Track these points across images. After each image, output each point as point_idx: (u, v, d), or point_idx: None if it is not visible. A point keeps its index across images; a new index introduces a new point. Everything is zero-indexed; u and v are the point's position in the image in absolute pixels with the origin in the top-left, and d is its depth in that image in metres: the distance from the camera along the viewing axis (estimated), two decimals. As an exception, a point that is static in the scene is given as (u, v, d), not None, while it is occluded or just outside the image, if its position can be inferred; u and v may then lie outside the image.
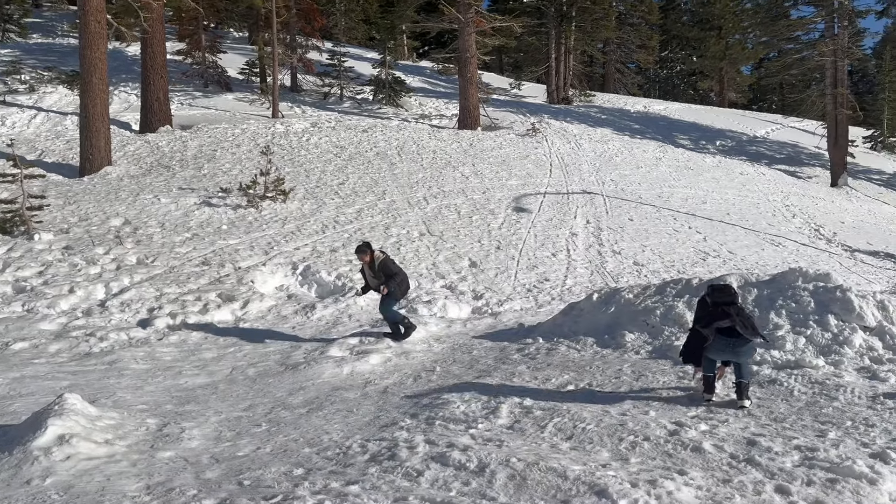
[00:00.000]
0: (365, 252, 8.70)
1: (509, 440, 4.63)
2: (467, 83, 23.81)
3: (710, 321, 5.64)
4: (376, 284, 8.70)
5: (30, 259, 10.69)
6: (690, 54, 50.74)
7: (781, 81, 42.16)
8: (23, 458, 4.52)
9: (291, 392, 6.72)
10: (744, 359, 5.59)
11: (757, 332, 5.64)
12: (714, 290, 5.93)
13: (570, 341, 7.74)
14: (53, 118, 19.75)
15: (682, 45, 51.68)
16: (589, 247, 13.89)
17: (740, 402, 5.42)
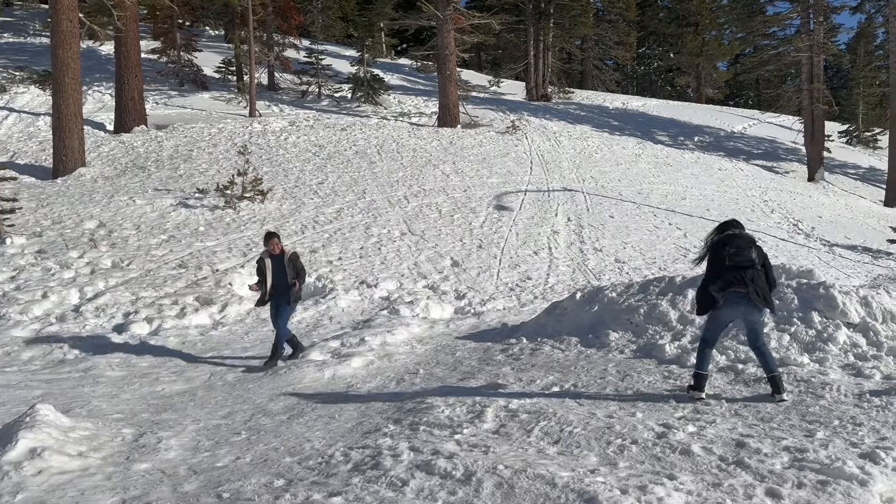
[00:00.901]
0: (274, 239, 7.84)
1: (495, 446, 4.54)
2: (446, 80, 23.70)
3: (725, 285, 5.37)
4: (282, 283, 7.73)
5: (1, 264, 10.43)
6: (668, 51, 51.04)
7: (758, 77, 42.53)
8: (-8, 473, 4.35)
9: (272, 398, 6.58)
10: (758, 327, 5.38)
11: (769, 302, 5.43)
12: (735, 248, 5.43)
13: (553, 341, 7.68)
14: (25, 119, 19.34)
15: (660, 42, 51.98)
16: (570, 244, 13.86)
17: (778, 396, 5.24)
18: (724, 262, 5.44)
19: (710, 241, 5.71)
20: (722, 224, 5.84)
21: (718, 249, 5.55)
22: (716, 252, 5.58)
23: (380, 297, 10.85)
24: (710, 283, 5.49)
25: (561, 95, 35.14)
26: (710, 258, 5.62)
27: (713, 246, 5.64)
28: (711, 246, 5.66)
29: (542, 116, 26.81)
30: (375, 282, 11.25)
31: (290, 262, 7.76)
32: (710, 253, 5.65)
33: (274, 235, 7.98)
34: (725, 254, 5.46)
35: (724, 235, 5.63)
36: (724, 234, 5.66)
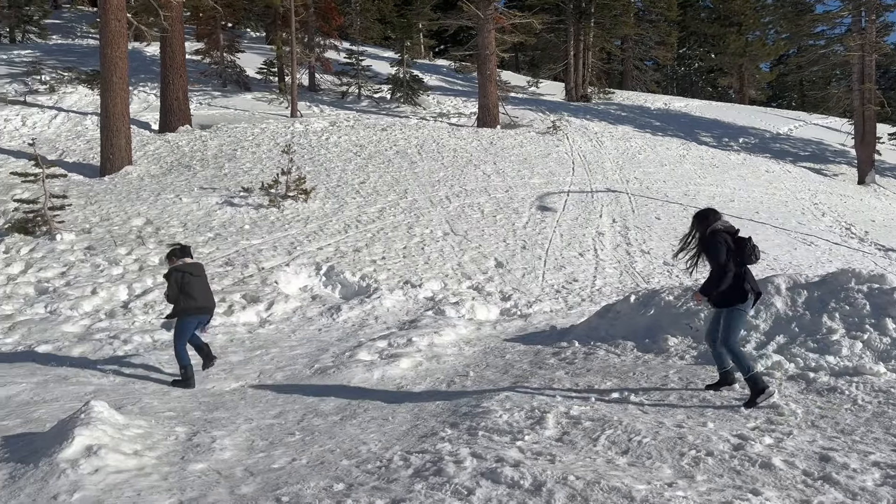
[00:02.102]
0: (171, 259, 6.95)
1: (561, 454, 4.35)
2: (486, 81, 23.52)
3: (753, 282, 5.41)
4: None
5: (52, 259, 10.55)
6: (709, 51, 50.14)
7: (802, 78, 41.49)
8: (49, 470, 4.30)
9: (322, 398, 6.48)
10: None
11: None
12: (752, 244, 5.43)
13: (608, 345, 7.45)
14: (74, 118, 19.68)
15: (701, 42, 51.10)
16: (616, 246, 13.57)
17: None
18: (751, 258, 5.38)
19: (723, 229, 5.48)
20: (712, 211, 5.67)
21: (741, 243, 5.42)
22: (739, 245, 5.41)
23: (424, 298, 10.71)
24: (740, 278, 5.37)
25: (601, 96, 34.71)
26: (731, 246, 5.39)
27: (734, 237, 5.45)
28: (733, 236, 5.46)
29: (582, 117, 26.46)
30: (420, 282, 11.12)
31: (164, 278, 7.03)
32: (730, 244, 5.40)
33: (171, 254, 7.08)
34: (750, 250, 5.38)
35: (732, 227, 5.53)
36: (729, 224, 5.54)
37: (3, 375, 6.93)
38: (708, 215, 5.62)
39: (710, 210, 5.70)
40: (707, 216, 5.61)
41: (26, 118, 19.35)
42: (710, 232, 5.48)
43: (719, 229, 5.46)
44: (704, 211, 5.71)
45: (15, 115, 19.45)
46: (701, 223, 5.60)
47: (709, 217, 5.60)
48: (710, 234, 5.46)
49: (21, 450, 4.79)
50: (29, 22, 28.45)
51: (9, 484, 4.24)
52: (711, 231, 5.47)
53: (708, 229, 5.50)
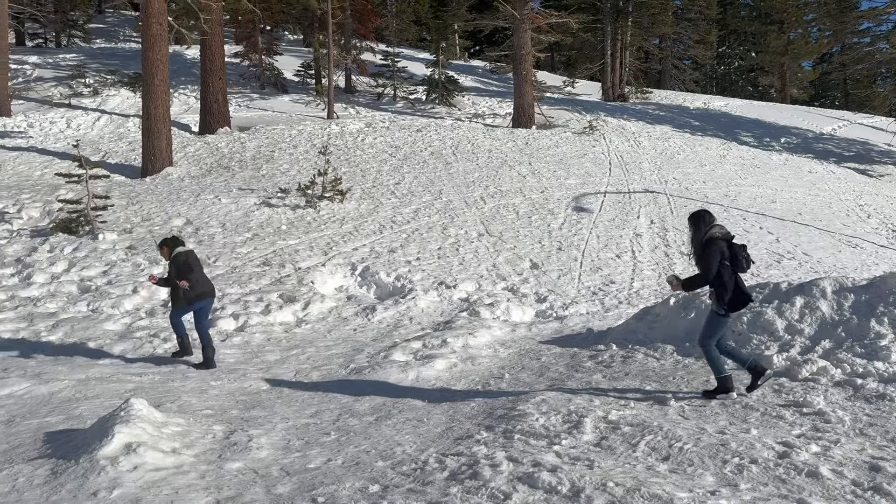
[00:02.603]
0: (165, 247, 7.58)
1: (599, 460, 4.27)
2: (522, 81, 23.40)
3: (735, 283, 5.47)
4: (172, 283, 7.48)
5: (94, 259, 10.76)
6: (749, 49, 49.17)
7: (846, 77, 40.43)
8: (89, 467, 4.36)
9: (357, 398, 6.48)
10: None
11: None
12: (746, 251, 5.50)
13: (646, 348, 7.31)
14: (116, 120, 20.12)
15: (741, 40, 50.12)
16: (655, 248, 13.35)
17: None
18: (743, 265, 5.46)
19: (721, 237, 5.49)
20: (706, 214, 5.66)
21: (734, 250, 5.48)
22: (733, 252, 5.47)
23: (459, 299, 10.67)
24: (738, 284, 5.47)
25: (638, 95, 34.29)
26: (725, 254, 5.43)
27: (729, 243, 5.49)
28: (727, 242, 5.49)
29: (619, 117, 26.16)
30: (454, 283, 11.08)
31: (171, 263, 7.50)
32: (723, 249, 5.44)
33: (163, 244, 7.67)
34: (742, 258, 5.46)
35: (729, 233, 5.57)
36: (725, 231, 5.56)
37: (46, 372, 7.08)
38: (703, 216, 5.63)
39: (705, 211, 5.70)
40: (702, 217, 5.63)
41: (71, 120, 19.85)
42: (706, 240, 5.49)
43: (717, 237, 5.49)
44: (699, 212, 5.72)
45: (60, 118, 19.97)
46: (696, 224, 5.63)
47: (704, 218, 5.60)
48: (707, 241, 5.48)
49: (63, 446, 4.87)
50: (74, 26, 29.20)
51: (50, 480, 4.31)
52: (709, 239, 5.48)
53: (705, 236, 5.50)
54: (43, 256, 10.77)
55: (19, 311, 9.23)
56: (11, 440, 5.25)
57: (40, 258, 10.71)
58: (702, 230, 5.53)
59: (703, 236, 5.50)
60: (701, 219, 5.59)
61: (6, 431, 5.50)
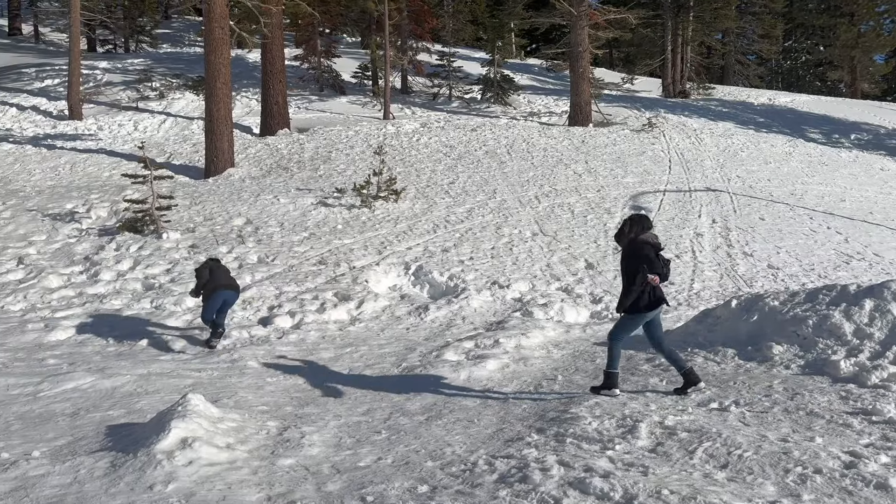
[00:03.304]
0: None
1: (654, 466, 4.14)
2: (579, 78, 23.09)
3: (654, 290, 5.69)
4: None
5: (158, 257, 11.10)
6: (817, 43, 47.34)
7: (922, 70, 38.52)
8: (146, 461, 4.47)
9: (409, 397, 6.49)
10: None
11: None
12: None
13: (706, 352, 7.09)
14: (181, 123, 20.74)
15: (809, 34, 48.29)
16: (716, 248, 12.97)
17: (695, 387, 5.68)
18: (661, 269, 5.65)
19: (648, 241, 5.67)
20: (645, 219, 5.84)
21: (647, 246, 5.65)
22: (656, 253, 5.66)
23: (512, 299, 10.59)
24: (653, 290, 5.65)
25: (700, 91, 33.39)
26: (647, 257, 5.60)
27: (653, 246, 5.68)
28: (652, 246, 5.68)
29: (680, 113, 25.55)
30: (507, 282, 11.00)
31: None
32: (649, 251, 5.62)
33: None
34: (661, 262, 5.66)
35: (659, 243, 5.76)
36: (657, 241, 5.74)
37: (110, 367, 7.32)
38: (642, 221, 5.81)
39: (645, 216, 5.89)
40: (640, 222, 5.79)
41: (138, 123, 20.56)
42: (639, 241, 5.66)
43: (648, 241, 5.67)
44: (637, 216, 5.88)
45: (128, 121, 20.71)
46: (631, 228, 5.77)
47: (643, 223, 5.77)
48: (640, 243, 5.66)
49: (123, 439, 5.02)
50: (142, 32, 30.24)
51: (110, 472, 4.44)
52: (642, 241, 5.66)
53: (637, 237, 5.68)
54: (110, 254, 11.17)
55: (86, 307, 9.59)
56: (76, 432, 5.44)
57: (107, 256, 11.11)
58: (635, 231, 5.71)
59: (634, 236, 5.68)
60: (637, 222, 5.78)
61: (71, 424, 5.71)
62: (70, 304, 9.65)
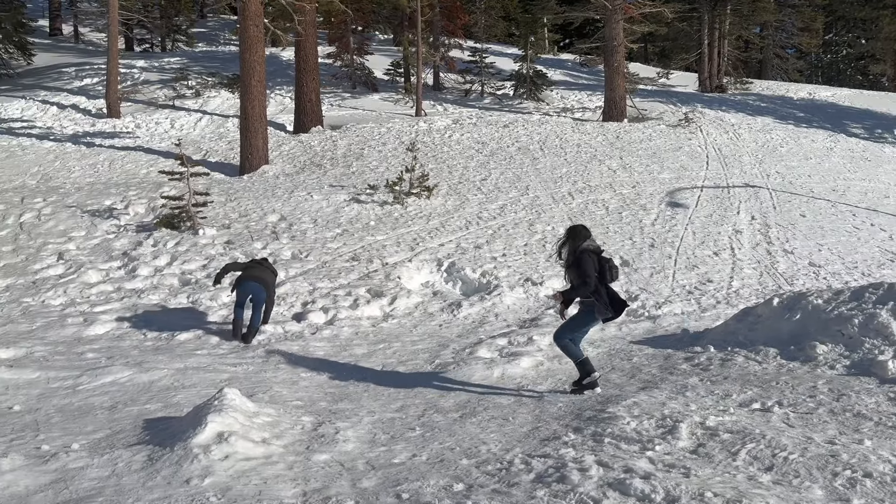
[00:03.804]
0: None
1: (696, 468, 4.03)
2: (614, 73, 22.80)
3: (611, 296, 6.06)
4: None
5: (194, 253, 11.22)
6: (859, 36, 46.09)
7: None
8: (183, 455, 4.50)
9: (442, 394, 6.45)
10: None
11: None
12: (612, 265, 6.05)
13: (747, 351, 6.92)
14: (217, 120, 20.99)
15: (850, 27, 47.04)
16: (756, 245, 12.69)
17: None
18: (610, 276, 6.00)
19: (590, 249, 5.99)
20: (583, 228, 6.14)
21: (603, 262, 6.00)
22: (601, 264, 5.98)
23: (545, 296, 10.48)
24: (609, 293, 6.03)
25: (737, 86, 32.78)
26: (596, 266, 5.94)
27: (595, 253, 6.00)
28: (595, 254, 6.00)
29: (717, 108, 25.09)
30: (541, 279, 10.89)
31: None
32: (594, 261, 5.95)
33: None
34: (610, 269, 5.99)
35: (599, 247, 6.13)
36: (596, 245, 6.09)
37: (147, 361, 7.41)
38: (580, 231, 6.10)
39: (581, 226, 6.19)
40: (579, 232, 6.09)
41: (175, 121, 20.85)
42: (580, 252, 5.94)
43: (589, 249, 5.97)
44: (576, 227, 6.19)
45: (165, 118, 21.02)
46: (572, 237, 6.08)
47: (580, 233, 6.07)
48: (581, 253, 5.94)
49: (160, 433, 5.06)
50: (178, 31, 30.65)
51: (147, 466, 4.47)
52: (582, 250, 5.94)
53: (578, 249, 5.95)
54: (147, 250, 11.33)
55: (124, 301, 9.74)
56: (113, 426, 5.51)
57: (145, 252, 11.27)
58: (576, 242, 5.99)
59: (576, 248, 5.96)
60: (577, 233, 6.07)
61: (109, 417, 5.78)
62: (109, 299, 9.81)
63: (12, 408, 6.12)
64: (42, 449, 4.92)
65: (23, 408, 6.11)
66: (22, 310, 9.59)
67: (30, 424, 5.63)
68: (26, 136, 19.35)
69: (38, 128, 20.15)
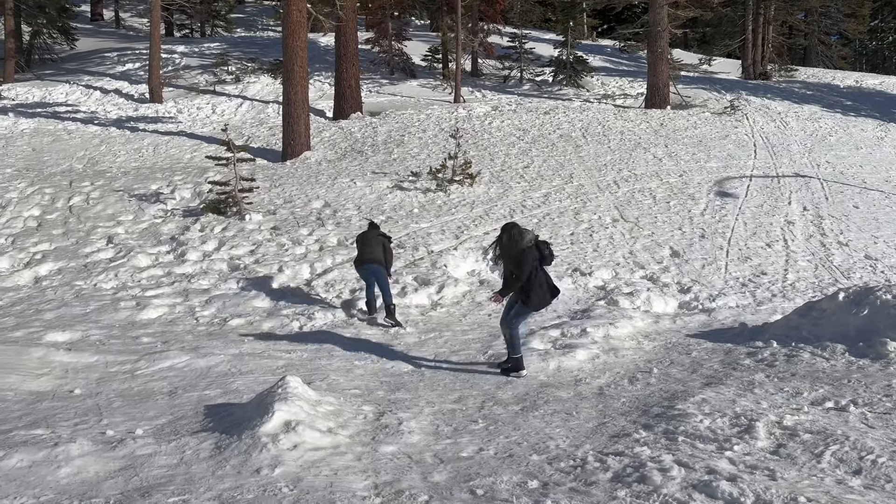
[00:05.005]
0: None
1: (781, 470, 3.89)
2: (657, 59, 22.34)
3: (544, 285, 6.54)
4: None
5: (242, 238, 11.26)
6: (906, 23, 44.66)
7: None
8: (251, 443, 4.47)
9: (499, 385, 6.37)
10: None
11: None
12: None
13: (813, 347, 6.70)
14: (257, 106, 21.05)
15: (897, 13, 45.63)
16: (809, 237, 12.34)
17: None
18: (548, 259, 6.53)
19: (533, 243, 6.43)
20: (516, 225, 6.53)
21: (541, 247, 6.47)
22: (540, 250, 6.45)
23: (594, 287, 10.32)
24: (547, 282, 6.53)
25: (782, 73, 31.95)
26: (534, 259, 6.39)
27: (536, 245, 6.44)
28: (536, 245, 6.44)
29: (762, 96, 24.48)
30: (589, 270, 10.73)
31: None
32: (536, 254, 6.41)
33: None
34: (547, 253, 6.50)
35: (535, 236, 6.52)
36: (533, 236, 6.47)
37: (203, 346, 7.44)
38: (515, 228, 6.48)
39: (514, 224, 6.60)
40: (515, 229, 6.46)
41: (216, 106, 20.97)
42: (521, 251, 6.34)
43: (531, 245, 6.37)
44: (508, 225, 6.58)
45: (206, 104, 21.14)
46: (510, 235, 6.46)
47: (519, 230, 6.44)
48: (521, 252, 6.34)
49: (223, 420, 5.05)
50: (217, 17, 30.80)
51: (215, 454, 4.46)
52: (522, 250, 6.34)
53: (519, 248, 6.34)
54: (195, 235, 11.40)
55: (175, 286, 9.81)
56: (175, 411, 5.52)
57: (192, 237, 11.34)
58: (521, 241, 6.36)
59: (522, 247, 6.34)
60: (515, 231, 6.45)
61: (170, 403, 5.79)
62: (159, 283, 9.89)
63: (73, 391, 6.18)
64: (107, 434, 4.93)
65: (84, 391, 6.17)
66: (75, 293, 9.72)
67: (92, 409, 5.67)
68: (71, 120, 19.62)
69: (82, 112, 20.41)
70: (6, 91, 21.49)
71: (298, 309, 8.89)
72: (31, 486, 4.04)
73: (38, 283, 10.20)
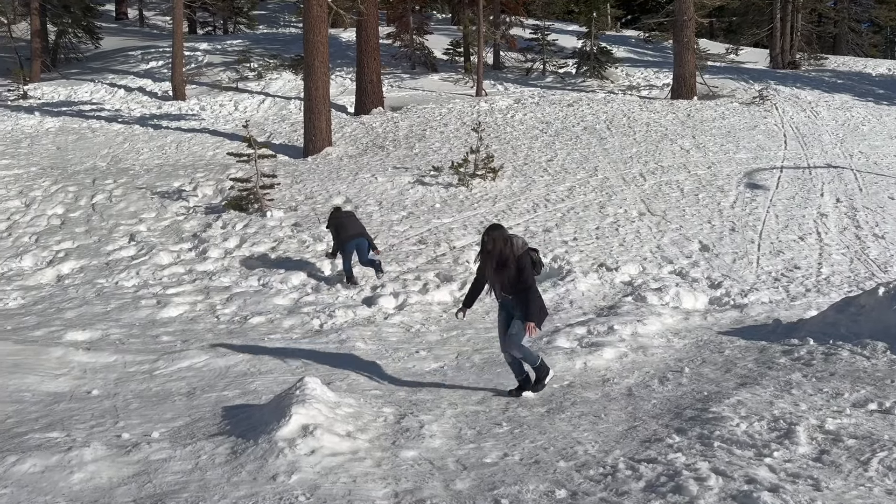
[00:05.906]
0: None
1: (825, 479, 3.65)
2: (683, 49, 21.89)
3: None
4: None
5: (263, 235, 11.19)
6: (941, 8, 43.42)
7: None
8: (268, 448, 4.33)
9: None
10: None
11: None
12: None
13: (852, 345, 6.40)
14: (279, 102, 21.01)
15: (932, -3, 44.36)
16: (843, 230, 11.95)
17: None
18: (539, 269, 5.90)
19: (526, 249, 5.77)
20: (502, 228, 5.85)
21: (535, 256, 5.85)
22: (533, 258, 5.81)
23: (621, 282, 10.07)
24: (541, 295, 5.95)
25: (811, 62, 31.21)
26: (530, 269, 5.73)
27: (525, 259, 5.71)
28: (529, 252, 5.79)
29: (791, 85, 23.90)
30: (615, 265, 10.48)
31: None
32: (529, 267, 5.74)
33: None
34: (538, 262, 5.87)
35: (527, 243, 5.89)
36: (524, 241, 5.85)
37: (222, 345, 7.33)
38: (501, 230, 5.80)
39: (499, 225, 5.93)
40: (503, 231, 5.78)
41: (238, 103, 20.97)
42: (522, 253, 5.71)
43: (528, 249, 5.79)
44: (494, 226, 5.88)
45: (228, 101, 21.16)
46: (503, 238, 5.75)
47: (503, 232, 5.76)
48: (523, 255, 5.71)
49: (241, 423, 4.92)
50: (239, 14, 30.85)
51: (231, 459, 4.32)
52: (523, 252, 5.72)
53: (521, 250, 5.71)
54: (217, 232, 11.34)
55: (196, 283, 9.75)
56: (192, 413, 5.40)
57: (214, 234, 11.28)
58: (516, 244, 5.72)
59: (518, 250, 5.69)
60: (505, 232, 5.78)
61: (188, 404, 5.69)
62: (181, 281, 9.83)
63: (91, 392, 6.11)
64: (122, 437, 4.83)
65: (101, 392, 6.10)
66: (96, 291, 9.70)
67: (109, 410, 5.58)
68: (95, 118, 19.74)
69: (106, 110, 20.54)
70: (32, 90, 21.70)
71: (319, 306, 8.77)
72: (43, 492, 3.94)
73: (60, 281, 10.21)
